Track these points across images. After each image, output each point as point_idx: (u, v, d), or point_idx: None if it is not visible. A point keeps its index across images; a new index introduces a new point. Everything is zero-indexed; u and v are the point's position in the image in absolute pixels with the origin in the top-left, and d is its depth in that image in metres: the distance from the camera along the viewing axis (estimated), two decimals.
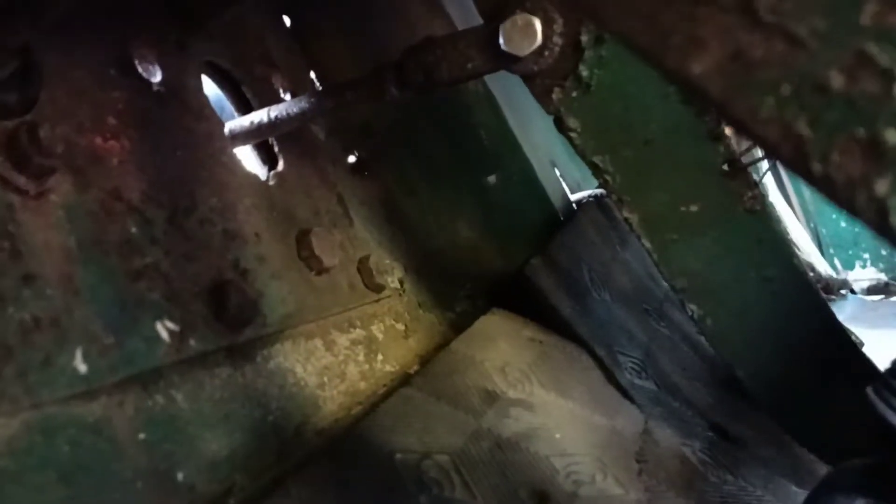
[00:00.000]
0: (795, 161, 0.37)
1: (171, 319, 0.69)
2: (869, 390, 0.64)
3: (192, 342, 0.70)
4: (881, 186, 0.34)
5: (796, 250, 2.82)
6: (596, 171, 0.87)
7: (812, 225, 3.42)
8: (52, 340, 0.57)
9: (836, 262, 3.25)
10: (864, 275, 3.14)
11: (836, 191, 0.36)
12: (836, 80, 0.35)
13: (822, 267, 2.90)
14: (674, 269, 0.92)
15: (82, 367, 0.59)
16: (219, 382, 0.72)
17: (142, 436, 0.62)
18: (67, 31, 0.70)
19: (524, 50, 0.73)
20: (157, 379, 0.66)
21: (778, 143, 0.37)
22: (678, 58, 0.39)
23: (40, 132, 0.60)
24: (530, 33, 0.72)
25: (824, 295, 2.71)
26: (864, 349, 1.35)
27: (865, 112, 0.35)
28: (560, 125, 0.86)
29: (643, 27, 0.39)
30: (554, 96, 0.84)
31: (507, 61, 0.75)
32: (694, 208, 0.90)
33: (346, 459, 0.73)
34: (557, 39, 0.73)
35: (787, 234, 2.89)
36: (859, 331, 1.66)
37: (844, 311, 2.63)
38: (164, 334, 0.67)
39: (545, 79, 0.82)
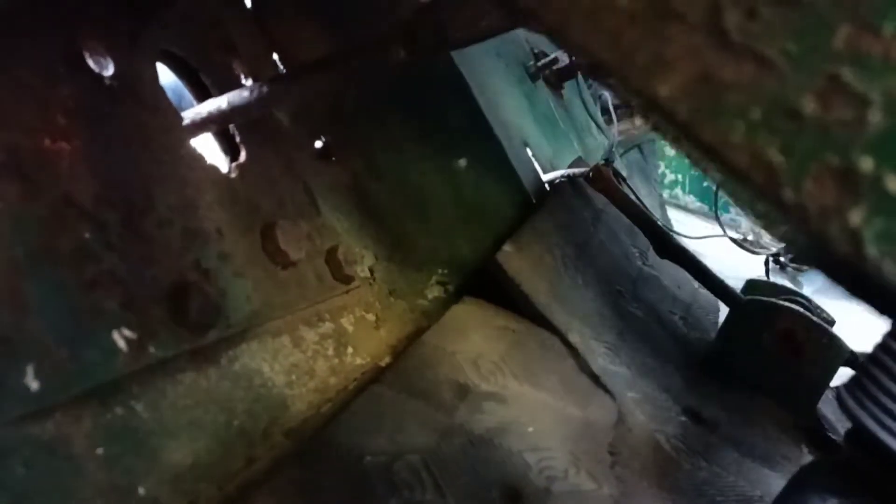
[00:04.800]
0: (767, 188, 0.35)
1: (129, 327, 0.66)
2: (842, 389, 0.63)
3: (151, 349, 0.68)
4: (855, 216, 0.33)
5: None
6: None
7: None
8: (0, 360, 0.55)
9: None
10: None
11: (808, 220, 0.34)
12: (809, 106, 0.33)
13: None
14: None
15: (34, 385, 0.57)
16: (181, 389, 0.70)
17: (100, 451, 0.60)
18: (8, 27, 0.67)
19: None
20: (115, 391, 0.64)
21: (748, 170, 0.35)
22: (643, 78, 0.37)
23: None
24: None
25: (797, 266, 2.74)
26: (835, 326, 1.36)
27: (839, 139, 0.33)
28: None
29: (607, 44, 0.37)
30: None
31: (525, 17, 0.70)
32: None
33: (313, 465, 0.72)
34: None
35: None
36: (829, 304, 1.67)
37: (816, 282, 2.65)
38: (122, 343, 0.65)
39: None
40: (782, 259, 2.77)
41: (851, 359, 1.27)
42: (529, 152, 1.44)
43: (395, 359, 0.96)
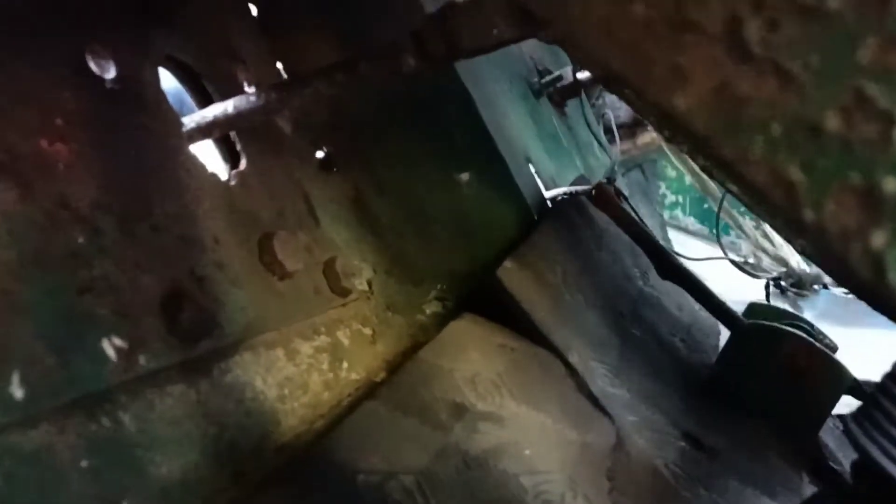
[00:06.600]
0: (786, 207, 0.34)
1: (120, 336, 0.65)
2: (849, 419, 0.61)
3: (142, 360, 0.66)
4: (878, 239, 0.31)
5: (769, 244, 2.82)
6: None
7: None
8: None
9: None
10: None
11: (829, 241, 0.33)
12: (832, 122, 0.32)
13: (795, 260, 2.90)
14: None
15: (19, 393, 0.55)
16: (171, 401, 0.68)
17: (85, 463, 0.59)
18: (11, 27, 0.66)
19: None
20: (103, 401, 0.62)
21: (767, 188, 0.34)
22: (661, 90, 0.35)
23: None
24: None
25: (797, 290, 2.73)
26: (837, 353, 1.34)
27: (862, 157, 0.32)
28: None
29: (623, 56, 0.36)
30: None
31: (537, 27, 0.69)
32: None
33: (305, 482, 0.70)
34: None
35: None
36: (832, 329, 1.65)
37: (817, 307, 2.64)
38: (112, 352, 0.63)
39: None
40: (783, 283, 2.76)
41: (854, 386, 1.25)
42: (532, 169, 1.43)
43: (391, 374, 0.95)
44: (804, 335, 1.28)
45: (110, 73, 0.77)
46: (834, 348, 1.36)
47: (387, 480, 0.73)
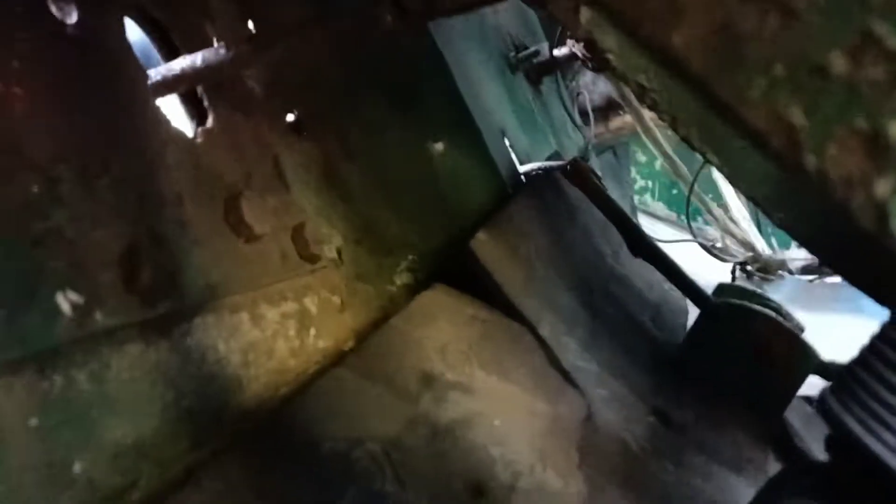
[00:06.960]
0: (786, 152, 0.32)
1: (75, 290, 0.62)
2: (825, 391, 0.60)
3: (98, 316, 0.63)
4: (882, 187, 0.30)
5: (737, 228, 2.84)
6: (642, 91, 0.80)
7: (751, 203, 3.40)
8: None
9: (773, 241, 3.27)
10: (798, 254, 3.16)
11: (831, 189, 0.31)
12: (838, 63, 0.30)
13: (761, 245, 2.92)
14: (750, 178, 0.84)
15: None
16: (128, 361, 0.65)
17: (34, 422, 0.56)
18: None
19: None
20: (55, 357, 0.59)
21: (767, 132, 0.32)
22: (656, 26, 0.33)
23: None
24: None
25: (763, 275, 2.75)
26: (804, 334, 1.35)
27: (869, 101, 0.30)
28: (593, 48, 0.79)
29: None
30: (581, 17, 0.76)
31: None
32: None
33: (267, 448, 0.67)
34: None
35: None
36: (796, 313, 1.66)
37: (782, 292, 2.66)
38: (66, 307, 0.60)
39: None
40: (749, 268, 2.78)
41: (820, 367, 1.26)
42: (507, 142, 1.41)
43: (359, 343, 0.93)
44: (774, 315, 1.29)
45: (71, 18, 0.73)
46: (801, 328, 1.36)
47: (353, 448, 0.71)
